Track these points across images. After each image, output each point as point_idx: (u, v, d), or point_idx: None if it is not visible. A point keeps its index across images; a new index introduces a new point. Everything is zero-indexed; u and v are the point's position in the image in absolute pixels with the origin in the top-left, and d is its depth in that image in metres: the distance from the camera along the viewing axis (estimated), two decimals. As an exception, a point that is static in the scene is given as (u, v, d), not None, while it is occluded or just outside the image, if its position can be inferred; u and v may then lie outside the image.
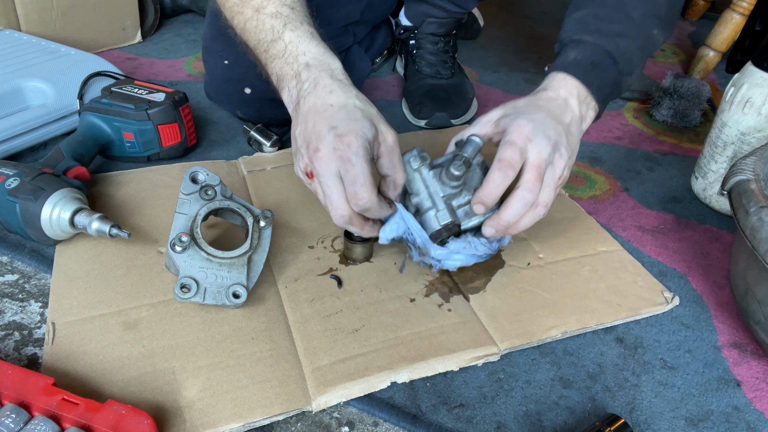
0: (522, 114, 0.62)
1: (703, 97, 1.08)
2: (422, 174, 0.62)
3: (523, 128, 0.59)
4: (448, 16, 1.08)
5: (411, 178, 0.62)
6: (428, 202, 0.61)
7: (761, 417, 0.56)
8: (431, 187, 0.62)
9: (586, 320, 0.63)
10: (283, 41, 0.63)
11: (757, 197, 0.56)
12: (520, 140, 0.59)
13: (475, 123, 0.66)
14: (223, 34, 0.85)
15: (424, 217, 0.61)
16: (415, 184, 0.62)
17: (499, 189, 0.59)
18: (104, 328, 0.58)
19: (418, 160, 0.62)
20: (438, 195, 0.61)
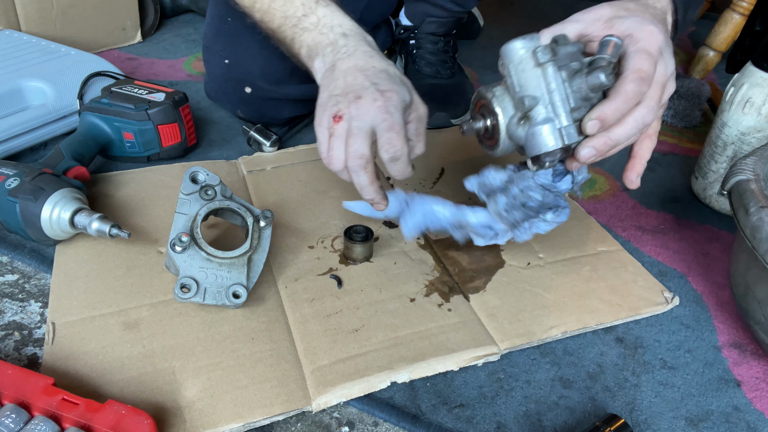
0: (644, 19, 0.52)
1: (703, 97, 1.08)
2: (547, 73, 0.49)
3: (657, 37, 0.51)
4: (448, 16, 1.08)
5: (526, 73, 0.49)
6: (547, 112, 0.50)
7: (761, 417, 0.56)
8: (557, 93, 0.49)
9: (586, 320, 0.63)
10: (316, 15, 0.65)
11: (757, 197, 0.56)
12: (654, 50, 0.51)
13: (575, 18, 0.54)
14: (223, 34, 0.85)
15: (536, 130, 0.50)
16: (530, 83, 0.49)
17: (630, 104, 0.50)
18: (104, 328, 0.58)
19: (548, 52, 0.48)
20: (565, 104, 0.49)
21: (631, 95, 0.50)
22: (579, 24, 0.54)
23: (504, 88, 0.52)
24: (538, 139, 0.50)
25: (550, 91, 0.50)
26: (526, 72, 0.50)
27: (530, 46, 0.49)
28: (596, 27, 0.53)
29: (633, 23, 0.52)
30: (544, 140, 0.50)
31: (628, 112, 0.51)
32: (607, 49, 0.49)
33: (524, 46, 0.49)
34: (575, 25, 0.54)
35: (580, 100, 0.50)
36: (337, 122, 0.57)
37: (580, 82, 0.49)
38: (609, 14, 0.54)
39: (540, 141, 0.50)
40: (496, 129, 0.53)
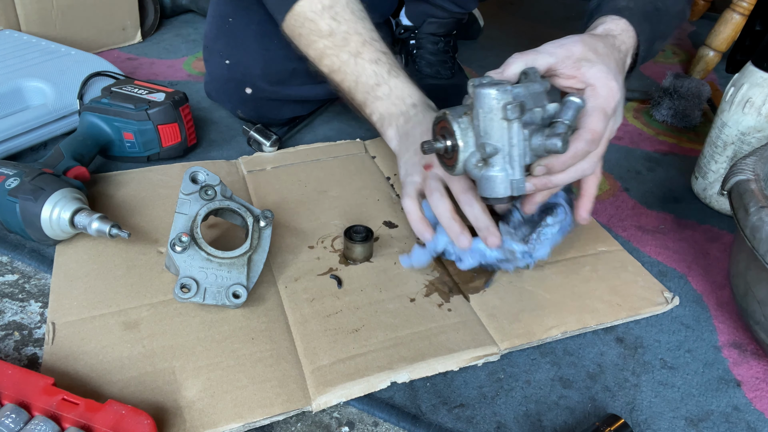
0: (609, 70, 0.55)
1: (703, 97, 1.08)
2: (512, 128, 0.51)
3: (615, 95, 0.54)
4: (448, 17, 1.08)
5: (492, 123, 0.51)
6: (504, 162, 0.52)
7: (761, 417, 0.56)
8: (517, 149, 0.52)
9: (586, 320, 0.63)
10: (388, 85, 0.71)
11: (757, 197, 0.56)
12: (610, 109, 0.54)
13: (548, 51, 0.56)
14: (224, 34, 0.85)
15: (490, 176, 0.53)
16: (495, 133, 0.52)
17: (577, 160, 0.54)
18: (104, 328, 0.58)
19: (517, 110, 0.50)
20: (521, 160, 0.52)
21: (579, 153, 0.53)
22: (551, 58, 0.56)
23: (469, 121, 0.54)
24: (491, 184, 0.53)
25: (511, 145, 0.52)
26: (493, 122, 0.52)
27: (503, 99, 0.51)
28: (566, 65, 0.56)
29: (598, 73, 0.55)
30: (496, 187, 0.53)
31: None
32: (568, 113, 0.52)
33: (497, 98, 0.51)
34: (547, 59, 0.56)
35: (535, 156, 0.54)
36: (428, 170, 0.63)
37: (539, 141, 0.52)
38: (579, 54, 0.56)
39: (492, 186, 0.54)
40: (455, 156, 0.55)
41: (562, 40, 0.57)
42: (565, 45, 0.57)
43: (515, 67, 0.55)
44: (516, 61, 0.55)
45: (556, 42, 0.57)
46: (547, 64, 0.56)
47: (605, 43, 0.59)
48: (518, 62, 0.55)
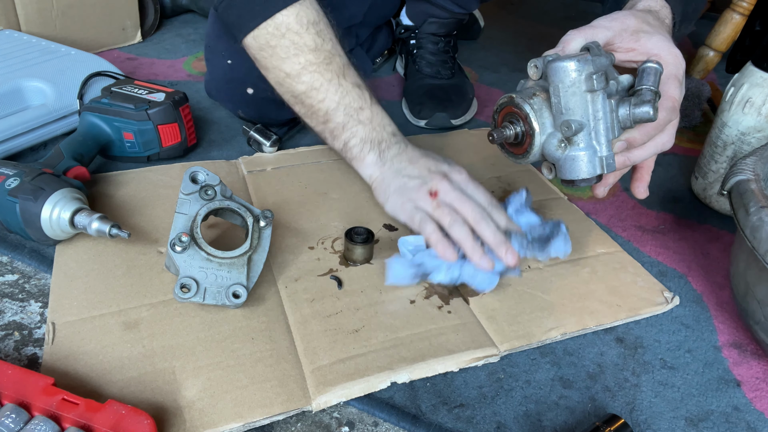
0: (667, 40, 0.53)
1: (703, 97, 1.08)
2: (597, 101, 0.48)
3: (680, 62, 0.52)
4: (449, 17, 1.08)
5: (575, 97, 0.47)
6: (590, 138, 0.49)
7: (761, 417, 0.56)
8: (603, 123, 0.48)
9: (585, 321, 0.63)
10: (370, 111, 0.71)
11: (757, 197, 0.56)
12: (681, 76, 0.52)
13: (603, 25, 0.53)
14: (227, 33, 0.85)
15: (575, 155, 0.49)
16: (578, 108, 0.48)
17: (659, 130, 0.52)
18: (104, 328, 0.58)
19: (603, 80, 0.47)
20: (609, 134, 0.49)
21: (662, 122, 0.50)
22: (608, 32, 0.53)
23: (542, 101, 0.51)
24: (578, 164, 0.50)
25: (596, 119, 0.48)
26: (576, 95, 0.48)
27: (584, 69, 0.47)
28: (623, 38, 0.53)
29: (659, 42, 0.52)
30: (584, 167, 0.50)
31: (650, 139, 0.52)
32: (650, 78, 0.48)
33: (578, 69, 0.47)
34: (605, 33, 0.53)
35: (621, 130, 0.50)
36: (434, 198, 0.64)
37: (625, 111, 0.49)
38: (635, 26, 0.53)
39: (578, 167, 0.50)
40: (528, 141, 0.52)
41: (613, 14, 0.55)
42: (618, 18, 0.54)
43: (576, 43, 0.52)
44: (575, 37, 0.52)
45: (609, 17, 0.54)
46: (605, 38, 0.53)
47: (653, 16, 0.57)
48: (578, 38, 0.52)
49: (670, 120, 0.52)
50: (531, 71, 0.51)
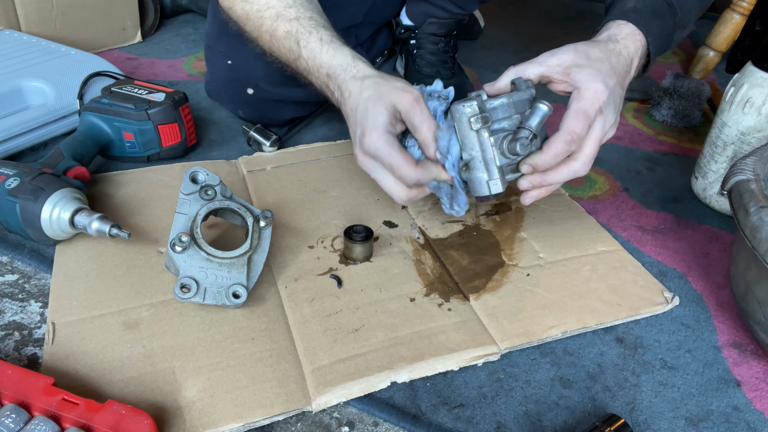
0: (598, 73, 0.58)
1: (703, 97, 1.08)
2: (480, 137, 0.57)
3: (600, 96, 0.57)
4: (449, 17, 1.08)
5: (465, 133, 0.57)
6: (481, 166, 0.58)
7: (761, 417, 0.56)
8: (487, 153, 0.57)
9: (586, 320, 0.63)
10: (303, 59, 0.67)
11: (757, 197, 0.56)
12: (593, 110, 0.57)
13: (540, 61, 0.61)
14: (227, 34, 0.85)
15: (473, 177, 0.58)
16: (468, 141, 0.57)
17: (558, 159, 0.57)
18: (104, 328, 0.58)
19: (479, 121, 0.56)
20: (493, 163, 0.57)
21: (560, 152, 0.57)
22: (542, 67, 0.60)
23: None
24: (475, 185, 0.59)
25: (482, 150, 0.57)
26: (466, 131, 0.57)
27: (469, 112, 0.56)
28: (556, 72, 0.60)
29: (585, 77, 0.58)
30: (479, 187, 0.59)
31: (564, 163, 0.59)
32: (534, 120, 0.56)
33: (464, 112, 0.56)
34: (538, 68, 0.60)
35: (506, 158, 0.58)
36: None
37: (505, 145, 0.58)
38: (570, 61, 0.59)
39: (476, 187, 0.59)
40: None
41: (557, 50, 0.61)
42: (556, 54, 0.61)
43: (505, 79, 0.61)
44: (507, 72, 0.61)
45: (550, 52, 0.61)
46: (538, 73, 0.60)
47: (601, 48, 0.61)
48: (509, 74, 0.61)
49: (569, 150, 0.57)
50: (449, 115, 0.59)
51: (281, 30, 0.67)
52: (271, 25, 0.68)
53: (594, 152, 0.60)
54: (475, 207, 0.80)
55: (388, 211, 0.78)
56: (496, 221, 0.77)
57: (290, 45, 0.67)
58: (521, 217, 0.78)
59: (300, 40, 0.66)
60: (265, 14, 0.69)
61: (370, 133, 0.60)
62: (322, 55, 0.65)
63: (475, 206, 0.80)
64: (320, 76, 0.66)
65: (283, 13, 0.68)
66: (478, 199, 0.59)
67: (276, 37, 0.68)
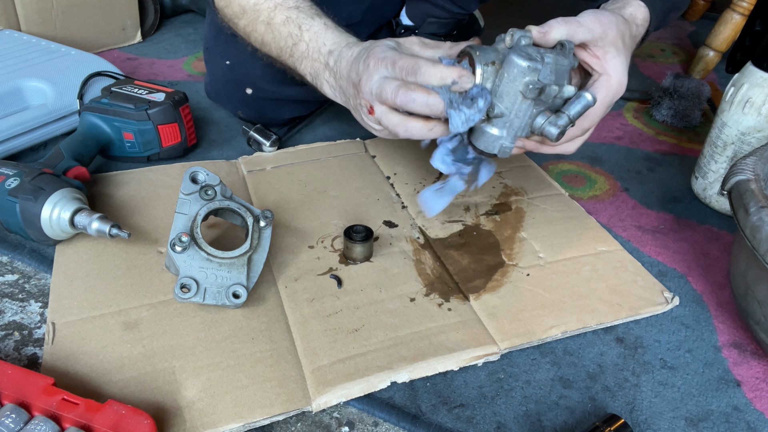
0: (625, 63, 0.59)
1: (703, 97, 1.08)
2: (524, 104, 0.54)
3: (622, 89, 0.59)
4: (449, 17, 1.08)
5: (510, 91, 0.53)
6: (506, 127, 0.55)
7: (761, 417, 0.56)
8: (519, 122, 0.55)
9: (586, 320, 0.63)
10: (304, 42, 0.66)
11: (757, 197, 0.56)
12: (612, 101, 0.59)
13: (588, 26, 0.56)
14: (224, 34, 0.85)
15: (488, 130, 0.56)
16: (509, 99, 0.54)
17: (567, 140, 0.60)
18: (104, 328, 0.59)
19: (535, 91, 0.52)
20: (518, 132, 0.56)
21: (572, 136, 0.60)
22: (588, 34, 0.57)
23: (493, 71, 0.55)
24: (483, 137, 0.57)
25: (516, 116, 0.55)
26: (511, 90, 0.54)
27: (528, 76, 0.53)
28: (597, 45, 0.58)
29: (618, 66, 0.58)
30: (485, 142, 0.57)
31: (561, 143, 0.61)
32: (576, 108, 0.55)
33: (524, 73, 0.52)
34: (585, 34, 0.56)
35: (530, 132, 0.57)
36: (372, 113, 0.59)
37: (540, 122, 0.55)
38: (612, 38, 0.57)
39: (482, 139, 0.57)
40: None
41: (601, 17, 0.58)
42: (603, 23, 0.57)
43: (557, 33, 0.55)
44: (559, 27, 0.55)
45: (596, 17, 0.57)
46: (583, 38, 0.57)
47: (630, 32, 0.61)
48: (561, 29, 0.55)
49: (576, 136, 0.60)
50: (507, 39, 0.55)
51: (279, 17, 0.68)
52: (269, 15, 0.68)
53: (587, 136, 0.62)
54: (475, 207, 0.80)
55: (388, 211, 0.78)
56: (496, 221, 0.77)
57: (290, 30, 0.67)
58: (521, 217, 0.78)
59: (302, 25, 0.67)
60: (263, 6, 0.69)
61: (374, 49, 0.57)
62: (327, 36, 0.65)
63: (476, 206, 0.80)
64: (320, 56, 0.65)
65: (281, 3, 0.68)
66: (477, 150, 0.58)
67: (273, 24, 0.68)
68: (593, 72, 0.59)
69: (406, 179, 0.84)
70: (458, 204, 0.80)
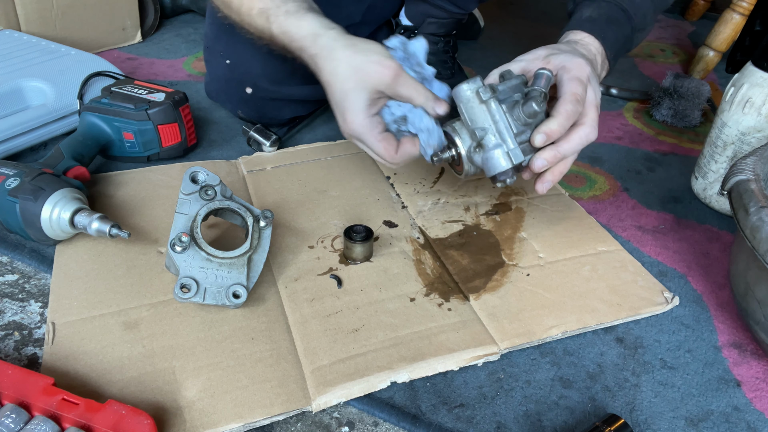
0: (574, 52, 0.61)
1: (703, 97, 1.08)
2: (490, 107, 0.57)
3: (584, 68, 0.60)
4: (448, 17, 1.08)
5: (474, 110, 0.58)
6: (496, 139, 0.58)
7: (761, 417, 0.56)
8: (501, 122, 0.57)
9: (586, 320, 0.63)
10: (277, 36, 0.66)
11: (757, 197, 0.56)
12: (584, 77, 0.59)
13: (517, 59, 0.63)
14: (224, 33, 0.85)
15: (489, 155, 0.58)
16: (479, 117, 0.58)
17: (570, 121, 0.59)
18: (104, 328, 0.59)
19: (488, 91, 0.56)
20: (509, 131, 0.58)
21: (570, 113, 0.58)
22: (522, 63, 0.62)
23: (461, 123, 0.61)
24: (492, 162, 0.59)
25: (495, 122, 0.58)
26: (474, 108, 0.58)
27: (474, 87, 0.58)
28: (536, 64, 0.62)
29: (565, 57, 0.61)
30: (497, 163, 0.59)
31: (573, 130, 0.60)
32: (540, 81, 0.58)
33: (469, 88, 0.58)
34: (519, 64, 0.63)
35: (521, 126, 0.58)
36: None
37: (518, 111, 0.58)
38: (545, 53, 0.62)
39: (493, 164, 0.59)
40: (460, 157, 0.62)
41: (531, 51, 0.64)
42: (533, 52, 0.64)
43: (493, 75, 0.63)
44: (492, 73, 0.63)
45: (527, 53, 0.64)
46: (519, 69, 0.62)
47: (567, 45, 0.65)
48: (494, 73, 0.63)
49: (576, 110, 0.59)
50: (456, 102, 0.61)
51: (256, 8, 0.66)
52: (249, 4, 0.67)
53: (597, 116, 0.61)
54: (475, 207, 0.80)
55: (388, 211, 0.78)
56: (496, 221, 0.77)
57: (262, 23, 0.66)
58: (521, 217, 0.78)
59: (270, 16, 0.65)
60: None
61: (352, 117, 0.61)
62: (290, 28, 0.64)
63: (476, 206, 0.80)
64: (294, 50, 0.65)
65: None
66: (495, 180, 0.59)
67: (252, 17, 0.67)
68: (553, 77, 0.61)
69: (406, 179, 0.84)
70: (458, 204, 0.80)
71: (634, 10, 0.68)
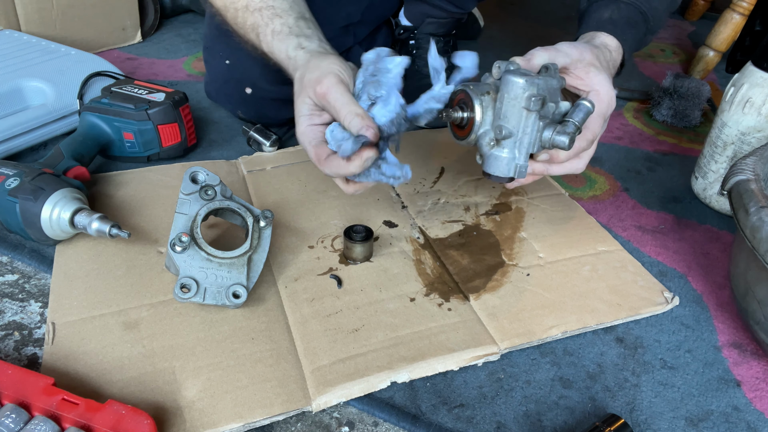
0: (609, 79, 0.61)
1: (703, 97, 1.08)
2: (530, 120, 0.55)
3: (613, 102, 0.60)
4: (447, 17, 1.08)
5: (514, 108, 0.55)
6: (513, 146, 0.56)
7: (761, 417, 0.56)
8: (528, 138, 0.56)
9: (586, 320, 0.63)
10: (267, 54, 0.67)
11: (757, 197, 0.56)
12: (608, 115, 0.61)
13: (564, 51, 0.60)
14: (224, 34, 0.85)
15: (497, 156, 0.57)
16: (512, 118, 0.55)
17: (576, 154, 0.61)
18: (104, 328, 0.58)
19: (538, 103, 0.53)
20: (529, 148, 0.57)
21: (579, 149, 0.60)
22: (567, 58, 0.60)
23: (490, 100, 0.58)
24: (498, 163, 0.58)
25: (524, 133, 0.56)
26: (515, 108, 0.55)
27: (528, 89, 0.54)
28: (578, 67, 0.60)
29: (603, 81, 0.60)
30: (501, 167, 0.58)
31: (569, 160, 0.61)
32: (579, 116, 0.56)
33: (524, 87, 0.54)
34: (564, 58, 0.60)
35: (540, 147, 0.58)
36: None
37: (549, 133, 0.56)
38: (590, 59, 0.61)
39: (497, 165, 0.58)
40: (469, 128, 0.58)
41: (575, 44, 0.62)
42: (579, 48, 0.61)
43: (539, 59, 0.59)
44: (540, 54, 0.59)
45: (571, 44, 0.61)
46: (563, 63, 0.60)
47: (605, 56, 0.64)
48: (543, 55, 0.59)
49: (584, 149, 0.61)
50: (494, 71, 0.59)
51: (249, 22, 0.67)
52: (242, 17, 0.67)
53: (593, 152, 0.63)
54: (475, 207, 0.80)
55: (388, 211, 0.78)
56: (496, 221, 0.77)
57: (254, 38, 0.67)
58: (521, 217, 0.78)
59: (259, 34, 0.66)
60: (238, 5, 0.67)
61: (297, 124, 0.62)
62: (273, 49, 0.65)
63: (476, 206, 0.80)
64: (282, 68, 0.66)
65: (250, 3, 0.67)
66: (492, 178, 0.59)
67: (245, 30, 0.68)
68: (581, 92, 0.61)
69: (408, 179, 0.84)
70: (458, 204, 0.80)
71: (652, 12, 0.68)
